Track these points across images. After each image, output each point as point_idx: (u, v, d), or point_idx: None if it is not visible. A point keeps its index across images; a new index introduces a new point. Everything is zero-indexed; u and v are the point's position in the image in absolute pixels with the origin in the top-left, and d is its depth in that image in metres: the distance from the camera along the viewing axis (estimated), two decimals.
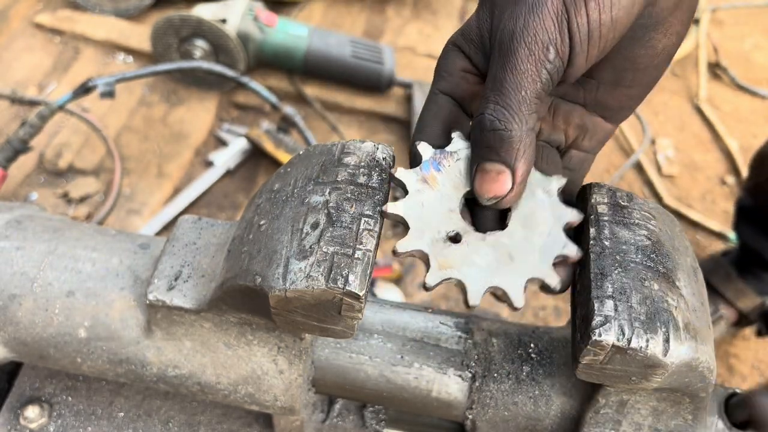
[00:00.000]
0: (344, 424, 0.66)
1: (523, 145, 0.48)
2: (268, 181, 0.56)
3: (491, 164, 0.49)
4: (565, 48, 0.47)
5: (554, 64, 0.47)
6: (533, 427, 0.59)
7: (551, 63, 0.47)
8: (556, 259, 0.50)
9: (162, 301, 0.55)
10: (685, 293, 0.50)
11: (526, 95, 0.47)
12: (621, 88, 0.54)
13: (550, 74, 0.47)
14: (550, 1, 0.46)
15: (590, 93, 0.54)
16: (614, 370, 0.47)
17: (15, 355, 0.61)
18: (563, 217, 0.51)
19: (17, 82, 1.84)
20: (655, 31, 0.50)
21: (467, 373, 0.60)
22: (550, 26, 0.46)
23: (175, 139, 1.78)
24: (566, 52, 0.47)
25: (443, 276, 0.48)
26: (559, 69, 0.47)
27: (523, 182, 0.49)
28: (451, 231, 0.50)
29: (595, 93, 0.54)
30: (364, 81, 1.87)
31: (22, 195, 1.61)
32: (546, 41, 0.46)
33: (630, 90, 0.54)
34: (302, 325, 0.50)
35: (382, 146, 0.54)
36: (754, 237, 1.57)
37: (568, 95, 0.55)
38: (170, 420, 0.68)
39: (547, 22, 0.46)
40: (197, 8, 1.82)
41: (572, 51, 0.47)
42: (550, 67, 0.47)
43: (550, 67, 0.47)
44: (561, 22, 0.46)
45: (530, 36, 0.46)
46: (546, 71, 0.47)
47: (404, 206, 0.50)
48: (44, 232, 0.61)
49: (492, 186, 0.49)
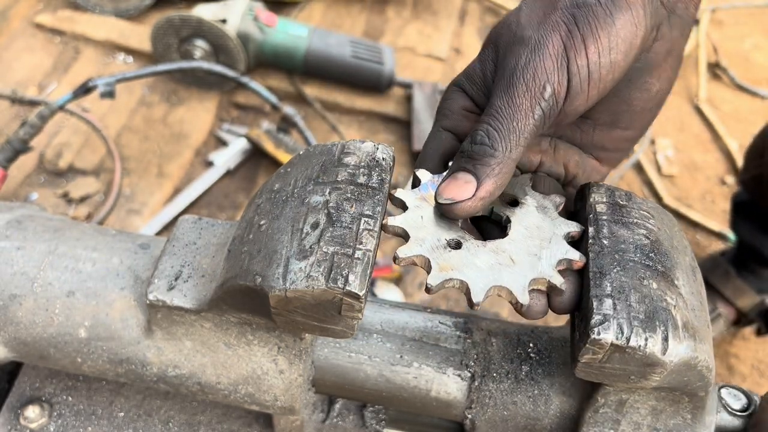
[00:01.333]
0: (344, 424, 0.66)
1: (500, 168, 0.50)
2: (268, 181, 0.56)
3: (463, 173, 0.51)
4: (562, 88, 0.50)
5: (549, 103, 0.50)
6: (532, 426, 0.59)
7: (546, 101, 0.49)
8: (559, 264, 0.50)
9: (162, 301, 0.55)
10: (684, 292, 0.50)
11: (517, 126, 0.50)
12: (617, 129, 0.57)
13: (543, 111, 0.50)
14: (551, 43, 0.49)
15: (587, 134, 0.57)
16: (613, 369, 0.48)
17: (15, 355, 0.61)
18: (564, 229, 0.52)
19: (17, 82, 1.84)
20: (650, 76, 0.54)
21: (466, 372, 0.60)
22: (550, 66, 0.49)
23: (175, 139, 1.78)
24: (562, 92, 0.50)
25: (445, 277, 0.48)
26: (553, 108, 0.50)
27: (484, 198, 0.50)
28: (451, 239, 0.50)
29: (592, 134, 0.57)
30: (364, 81, 1.88)
31: (22, 195, 1.61)
32: (544, 80, 0.49)
33: (625, 132, 0.57)
34: (302, 325, 0.50)
35: (382, 146, 0.54)
36: (751, 233, 1.56)
37: (566, 136, 0.58)
38: (170, 420, 0.68)
39: (547, 63, 0.49)
40: (197, 8, 1.82)
41: (571, 91, 0.50)
42: (544, 105, 0.50)
43: (544, 105, 0.50)
44: (560, 64, 0.49)
45: (529, 74, 0.49)
46: (540, 108, 0.50)
47: (404, 219, 0.51)
48: (44, 232, 0.62)
49: (453, 187, 0.50)
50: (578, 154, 0.59)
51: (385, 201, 0.51)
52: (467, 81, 0.56)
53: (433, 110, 1.82)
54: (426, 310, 0.65)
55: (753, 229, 1.55)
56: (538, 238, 0.51)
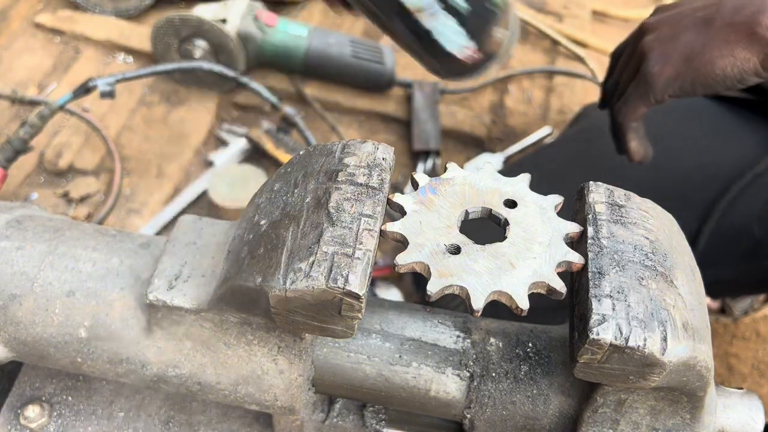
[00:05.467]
0: (344, 423, 0.66)
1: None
2: (269, 181, 0.57)
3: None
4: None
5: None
6: (531, 426, 0.59)
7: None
8: (558, 266, 0.50)
9: (162, 301, 0.55)
10: (683, 292, 0.50)
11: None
12: None
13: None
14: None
15: None
16: (612, 369, 0.48)
17: (15, 355, 0.61)
18: (563, 229, 0.52)
19: (17, 82, 1.84)
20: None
21: (465, 372, 0.60)
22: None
23: (175, 139, 1.78)
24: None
25: (445, 283, 0.48)
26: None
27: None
28: (450, 244, 0.50)
29: None
30: (364, 81, 1.87)
31: (22, 195, 1.61)
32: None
33: None
34: (302, 325, 0.50)
35: (382, 146, 0.54)
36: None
37: None
38: (170, 420, 0.68)
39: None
40: (197, 8, 1.82)
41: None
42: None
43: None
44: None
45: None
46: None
47: (402, 225, 0.51)
48: (44, 232, 0.62)
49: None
50: None
51: (385, 201, 0.51)
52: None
53: (433, 110, 1.81)
54: (425, 309, 0.65)
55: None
56: (537, 240, 0.51)
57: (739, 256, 1.11)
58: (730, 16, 0.82)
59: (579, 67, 1.97)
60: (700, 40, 0.84)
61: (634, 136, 0.95)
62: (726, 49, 0.81)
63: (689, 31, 0.85)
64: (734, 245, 1.10)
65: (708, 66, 0.83)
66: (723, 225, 1.09)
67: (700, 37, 0.84)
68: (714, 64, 0.82)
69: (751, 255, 1.10)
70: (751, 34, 0.79)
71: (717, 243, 1.09)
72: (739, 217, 1.09)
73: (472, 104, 1.92)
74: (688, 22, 0.87)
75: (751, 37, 0.79)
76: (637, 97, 0.90)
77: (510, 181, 0.55)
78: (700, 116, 1.22)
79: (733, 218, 1.09)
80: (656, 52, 0.88)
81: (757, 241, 1.08)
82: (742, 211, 1.09)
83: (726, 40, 0.81)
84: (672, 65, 0.86)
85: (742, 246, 1.10)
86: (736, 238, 1.10)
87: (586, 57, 1.97)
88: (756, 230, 1.08)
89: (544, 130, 1.77)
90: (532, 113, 1.89)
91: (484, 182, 0.55)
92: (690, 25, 0.86)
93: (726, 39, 0.81)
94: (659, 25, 0.90)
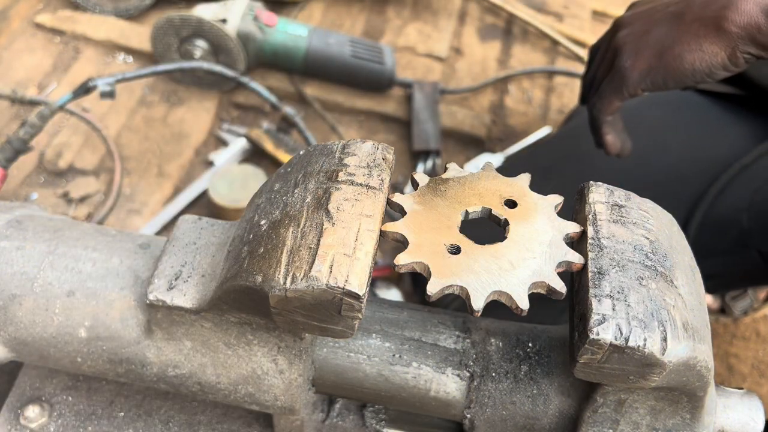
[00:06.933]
0: (344, 423, 0.66)
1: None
2: (269, 181, 0.57)
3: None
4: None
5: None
6: (531, 426, 0.59)
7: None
8: (558, 266, 0.50)
9: (162, 301, 0.55)
10: (683, 292, 0.50)
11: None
12: None
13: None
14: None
15: None
16: (612, 369, 0.48)
17: (15, 355, 0.61)
18: (563, 229, 0.52)
19: (17, 82, 1.84)
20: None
21: (465, 372, 0.60)
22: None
23: (176, 139, 1.78)
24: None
25: (445, 284, 0.48)
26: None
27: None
28: (450, 244, 0.50)
29: None
30: (364, 81, 1.87)
31: (22, 195, 1.61)
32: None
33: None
34: (302, 325, 0.50)
35: (382, 146, 0.54)
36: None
37: None
38: (170, 420, 0.68)
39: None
40: (197, 8, 1.82)
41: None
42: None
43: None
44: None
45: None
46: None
47: (403, 225, 0.51)
48: (44, 231, 0.62)
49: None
50: None
51: (385, 201, 0.51)
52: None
53: (433, 110, 1.82)
54: (425, 309, 0.65)
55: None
56: (537, 240, 0.51)
57: (728, 246, 1.11)
58: (699, 11, 0.82)
59: (579, 67, 1.98)
60: (671, 35, 0.84)
61: (609, 129, 0.95)
62: (695, 44, 0.82)
63: (661, 26, 0.86)
64: (722, 236, 1.10)
65: (677, 60, 0.83)
66: (711, 216, 1.09)
67: (670, 32, 0.84)
68: (683, 58, 0.83)
69: (739, 245, 1.10)
70: (718, 28, 0.80)
71: (705, 234, 1.09)
72: (727, 208, 1.09)
73: (472, 104, 1.92)
74: (660, 16, 0.87)
75: (719, 31, 0.80)
76: (611, 92, 0.91)
77: (510, 181, 0.55)
78: (689, 110, 1.22)
79: (721, 209, 1.10)
80: (629, 46, 0.88)
81: (746, 230, 1.08)
82: (729, 202, 1.09)
83: (695, 34, 0.82)
84: (644, 59, 0.86)
85: (731, 236, 1.10)
86: (724, 228, 1.10)
87: (585, 57, 1.97)
88: (744, 221, 1.08)
89: (544, 130, 1.77)
90: (532, 113, 1.89)
91: (484, 182, 0.55)
92: (662, 19, 0.87)
93: (695, 33, 0.82)
94: (633, 20, 0.91)
